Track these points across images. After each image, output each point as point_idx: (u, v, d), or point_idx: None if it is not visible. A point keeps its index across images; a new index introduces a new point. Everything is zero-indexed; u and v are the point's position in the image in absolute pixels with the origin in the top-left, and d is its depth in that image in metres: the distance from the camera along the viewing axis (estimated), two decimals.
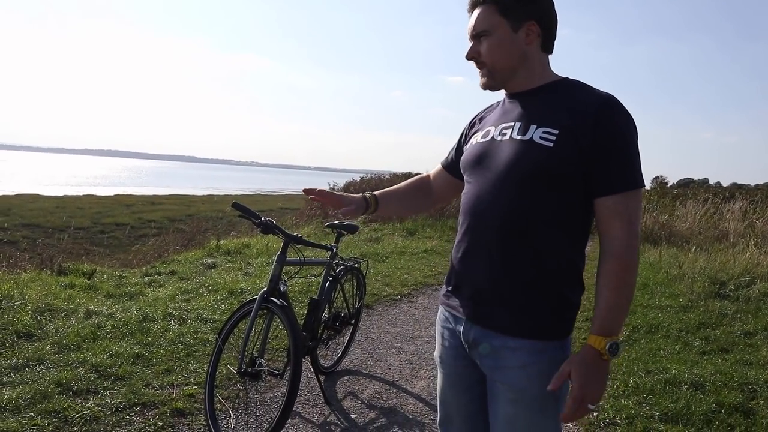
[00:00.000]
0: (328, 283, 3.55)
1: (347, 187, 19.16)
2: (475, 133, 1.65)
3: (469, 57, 1.55)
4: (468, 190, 1.57)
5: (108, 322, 4.32)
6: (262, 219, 2.87)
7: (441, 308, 1.69)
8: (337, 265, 3.71)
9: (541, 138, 1.40)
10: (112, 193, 31.19)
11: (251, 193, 42.68)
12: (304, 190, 1.82)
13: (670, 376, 3.79)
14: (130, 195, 30.79)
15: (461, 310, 1.55)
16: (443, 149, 1.91)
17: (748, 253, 7.38)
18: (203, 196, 34.21)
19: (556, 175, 1.39)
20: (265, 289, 2.87)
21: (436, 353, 1.70)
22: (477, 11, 1.53)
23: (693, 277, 6.78)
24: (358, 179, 20.49)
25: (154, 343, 4.01)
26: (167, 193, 34.47)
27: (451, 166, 1.79)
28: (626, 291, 1.36)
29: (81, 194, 29.24)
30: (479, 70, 1.56)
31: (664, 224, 11.03)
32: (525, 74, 1.52)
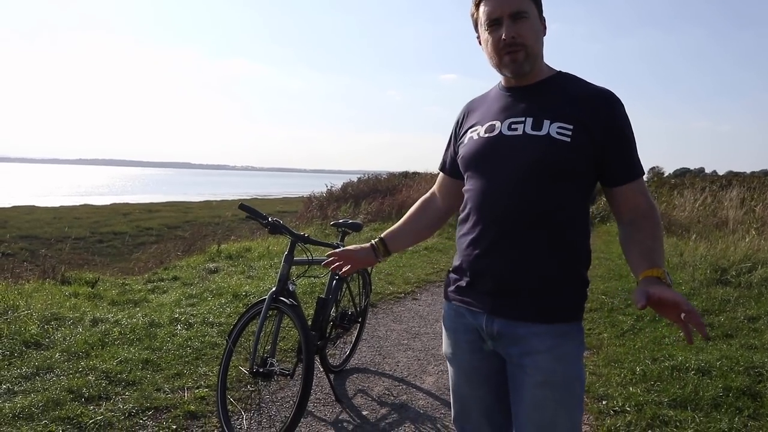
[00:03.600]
0: (334, 281, 3.57)
1: (345, 188, 19.14)
2: (471, 128, 1.61)
3: (508, 37, 1.46)
4: (477, 185, 1.54)
5: (115, 329, 4.32)
6: (270, 219, 2.89)
7: (449, 304, 1.66)
8: None
9: (558, 133, 1.44)
10: (108, 203, 31.09)
11: (248, 197, 42.55)
12: (325, 264, 1.83)
13: (677, 363, 3.81)
14: (127, 203, 30.69)
15: (480, 304, 1.54)
16: (438, 146, 1.89)
17: (748, 240, 7.42)
18: (200, 202, 34.12)
19: (572, 167, 1.45)
20: (273, 289, 2.89)
21: (447, 350, 1.69)
22: None
23: (694, 264, 6.82)
24: (355, 180, 20.49)
25: (162, 348, 4.02)
26: (164, 201, 34.36)
27: (452, 168, 1.75)
28: (660, 238, 1.47)
29: (77, 204, 29.15)
30: (510, 54, 1.47)
31: (663, 214, 11.07)
32: (539, 65, 1.55)
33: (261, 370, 2.80)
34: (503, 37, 1.46)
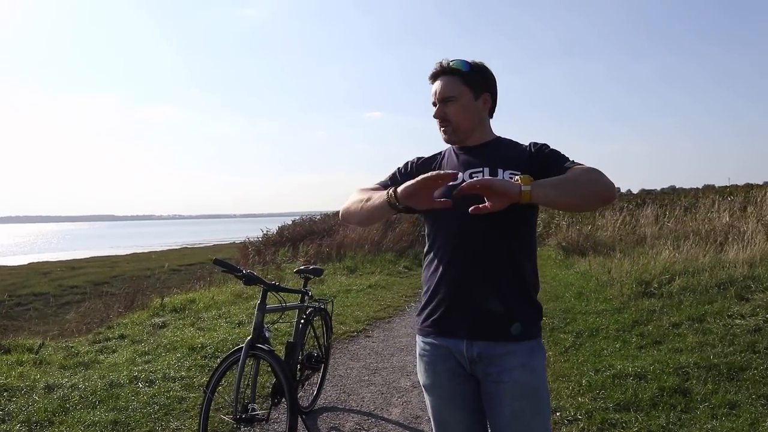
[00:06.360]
0: (301, 325, 3.73)
1: (281, 232, 19.17)
2: None
3: (436, 116, 1.87)
4: (446, 227, 1.81)
5: (74, 393, 4.25)
6: (244, 272, 3.05)
7: (426, 338, 1.86)
8: (307, 307, 3.90)
9: (511, 178, 1.73)
10: (25, 262, 29.29)
11: (177, 246, 41.09)
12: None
13: (617, 371, 4.22)
14: (46, 262, 28.97)
15: (460, 331, 1.78)
16: (370, 183, 2.00)
17: (665, 253, 8.13)
18: (127, 255, 32.76)
19: (526, 205, 1.67)
20: (250, 337, 3.02)
21: (426, 381, 1.88)
22: (442, 79, 1.85)
23: (621, 281, 7.40)
24: (290, 222, 20.54)
25: (128, 407, 4.00)
26: (87, 256, 32.71)
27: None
28: (574, 179, 1.64)
29: None
30: (443, 127, 1.87)
31: (588, 235, 11.87)
32: (479, 132, 1.89)
33: (244, 416, 2.91)
34: (434, 115, 1.87)
